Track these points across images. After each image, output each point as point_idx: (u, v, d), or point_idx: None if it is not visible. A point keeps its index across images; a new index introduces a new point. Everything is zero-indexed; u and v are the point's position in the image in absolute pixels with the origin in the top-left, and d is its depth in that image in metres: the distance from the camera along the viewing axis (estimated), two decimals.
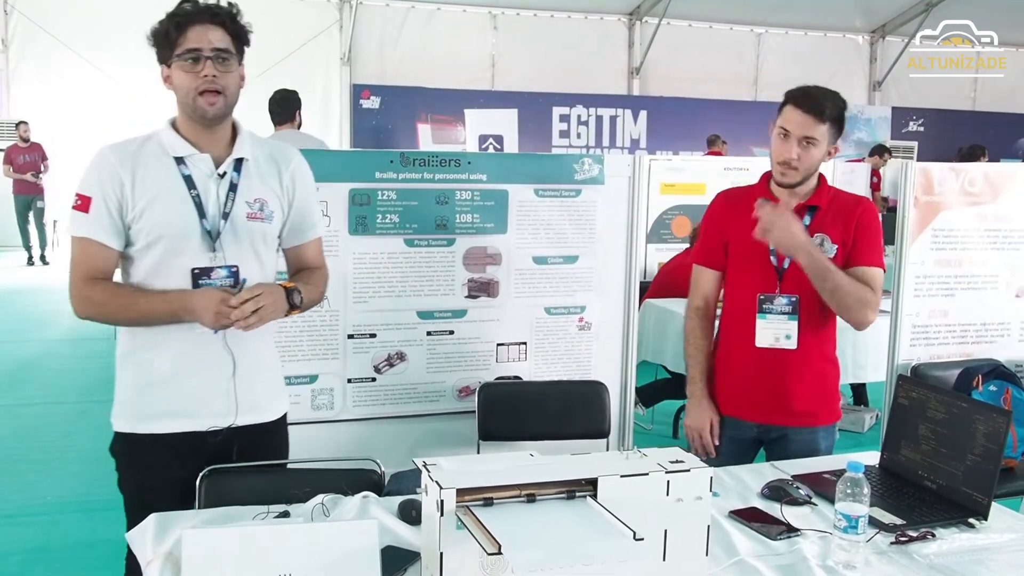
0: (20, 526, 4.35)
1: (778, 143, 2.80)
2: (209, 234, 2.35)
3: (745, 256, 2.93)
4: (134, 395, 2.42)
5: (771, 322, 2.87)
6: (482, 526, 1.66)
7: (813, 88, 2.80)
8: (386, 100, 14.77)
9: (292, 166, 2.54)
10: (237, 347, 2.41)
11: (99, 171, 2.32)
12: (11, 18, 13.33)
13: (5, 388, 6.76)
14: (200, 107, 2.31)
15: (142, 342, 2.39)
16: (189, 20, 2.30)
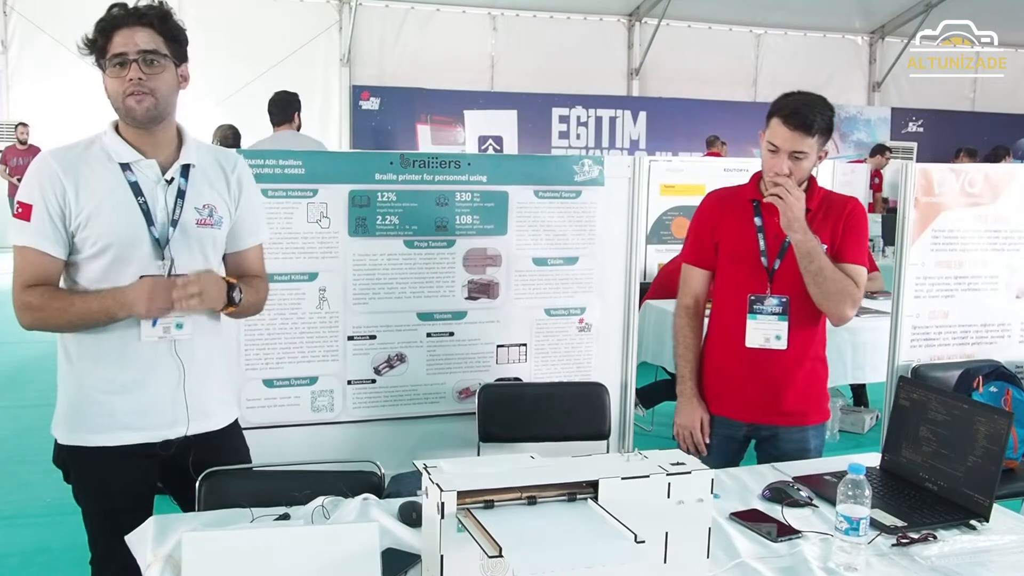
0: (19, 527, 4.34)
1: (768, 157, 2.81)
2: (158, 242, 2.31)
3: (736, 256, 2.94)
4: (80, 406, 2.37)
5: (761, 322, 2.88)
6: (483, 528, 1.66)
7: (800, 100, 2.78)
8: (385, 101, 14.76)
9: (237, 170, 2.50)
10: (186, 355, 2.37)
11: (40, 178, 2.26)
12: (10, 19, 13.33)
13: (4, 389, 6.76)
14: (129, 108, 2.25)
15: (87, 351, 2.34)
16: (115, 25, 2.25)
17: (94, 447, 2.36)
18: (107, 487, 2.38)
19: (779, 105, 2.79)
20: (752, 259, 2.90)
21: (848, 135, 17.12)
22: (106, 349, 2.32)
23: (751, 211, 2.94)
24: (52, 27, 13.14)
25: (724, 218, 2.98)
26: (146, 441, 2.37)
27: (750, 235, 2.92)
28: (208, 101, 11.50)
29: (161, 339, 2.33)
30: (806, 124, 2.73)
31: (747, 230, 2.93)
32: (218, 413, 2.51)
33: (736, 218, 2.95)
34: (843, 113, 17.09)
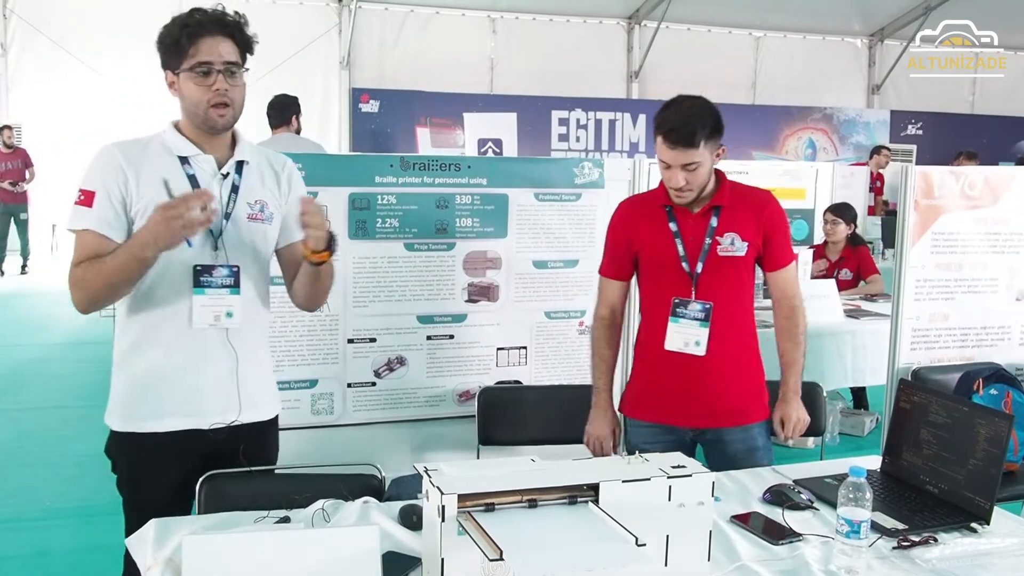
0: (18, 531, 4.34)
1: (664, 172, 2.80)
2: (211, 232, 2.37)
3: (658, 264, 2.90)
4: (133, 393, 2.42)
5: (683, 326, 2.84)
6: (484, 532, 1.66)
7: (676, 115, 2.73)
8: (385, 104, 14.75)
9: (287, 170, 2.59)
10: (239, 343, 2.43)
11: (103, 167, 2.34)
12: (10, 22, 13.33)
13: (3, 392, 6.75)
14: (211, 119, 2.35)
15: (141, 338, 2.40)
16: (201, 31, 2.32)
17: (144, 433, 2.41)
18: (152, 475, 2.42)
19: (658, 122, 2.77)
20: (673, 265, 2.87)
21: (847, 138, 17.12)
22: (158, 336, 2.39)
23: (664, 216, 2.90)
24: (51, 30, 13.15)
25: (638, 227, 2.94)
26: (195, 428, 2.41)
27: (667, 241, 2.88)
28: None
29: (212, 326, 2.39)
30: (687, 140, 2.71)
31: (663, 236, 2.89)
32: (265, 404, 2.57)
33: (651, 225, 2.91)
34: (842, 116, 17.11)
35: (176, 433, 2.40)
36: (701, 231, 2.85)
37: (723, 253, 2.85)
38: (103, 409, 2.48)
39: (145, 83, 13.39)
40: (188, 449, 2.42)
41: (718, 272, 2.84)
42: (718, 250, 2.84)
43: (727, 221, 2.85)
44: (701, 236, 2.85)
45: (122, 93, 13.30)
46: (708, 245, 2.84)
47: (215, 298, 2.38)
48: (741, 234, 2.84)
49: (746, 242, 2.84)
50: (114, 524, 2.54)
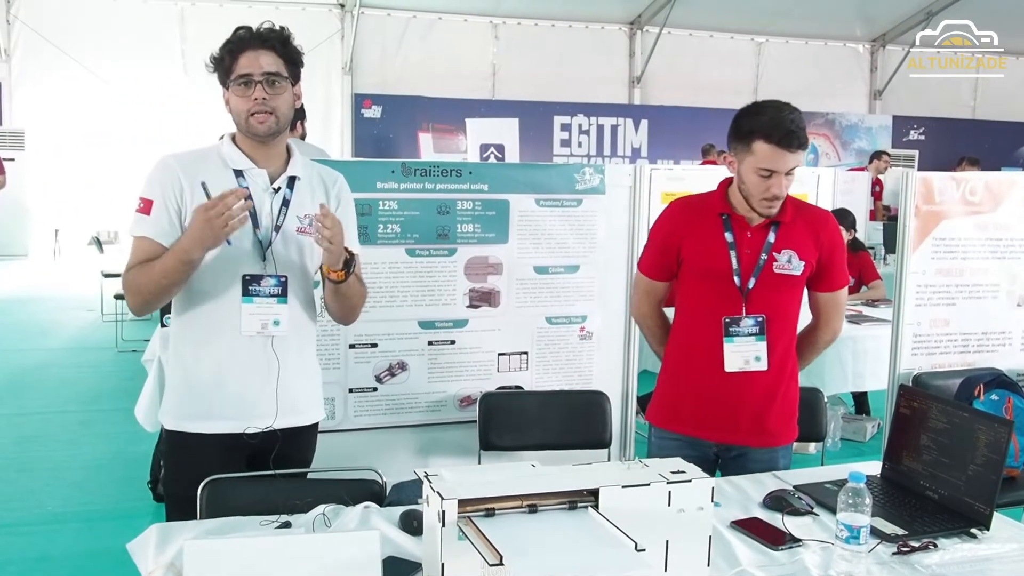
0: (20, 535, 4.34)
1: (762, 182, 2.68)
2: (260, 244, 2.48)
3: (704, 273, 2.81)
4: (184, 394, 2.54)
5: (739, 345, 2.77)
6: (484, 537, 1.66)
7: (788, 119, 2.66)
8: (387, 109, 14.78)
9: (337, 186, 2.68)
10: (283, 351, 2.51)
11: (162, 177, 2.45)
12: (13, 28, 13.36)
13: (6, 397, 6.75)
14: (252, 126, 2.45)
15: (193, 342, 2.51)
16: (241, 47, 2.45)
17: (191, 433, 2.52)
18: (196, 473, 2.45)
19: (766, 128, 2.65)
20: (723, 278, 2.77)
21: (849, 143, 17.13)
22: (208, 340, 2.50)
23: (720, 225, 2.80)
24: (55, 36, 13.18)
25: (691, 231, 2.83)
26: (236, 431, 2.50)
27: (720, 252, 2.78)
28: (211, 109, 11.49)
29: (259, 334, 2.48)
30: (803, 142, 2.66)
31: (716, 246, 2.79)
32: (307, 410, 2.65)
33: (704, 231, 2.80)
34: (844, 121, 17.12)
35: (222, 435, 2.50)
36: (758, 245, 2.77)
37: (779, 271, 2.78)
38: (105, 414, 2.51)
39: (147, 88, 13.54)
40: (233, 451, 2.51)
41: (771, 289, 2.78)
42: (774, 267, 2.78)
43: (785, 237, 2.78)
44: (757, 250, 2.77)
45: (124, 98, 13.35)
46: (764, 261, 2.77)
47: (263, 307, 2.48)
48: (799, 252, 2.78)
49: (803, 261, 2.79)
50: (116, 528, 2.56)
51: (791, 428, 2.92)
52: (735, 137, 2.74)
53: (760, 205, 2.73)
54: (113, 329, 8.31)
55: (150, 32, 13.31)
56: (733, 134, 2.75)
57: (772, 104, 2.73)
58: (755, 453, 2.85)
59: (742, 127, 2.71)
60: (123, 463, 5.24)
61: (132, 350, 7.81)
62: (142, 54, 13.30)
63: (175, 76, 13.45)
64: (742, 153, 2.71)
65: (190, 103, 13.05)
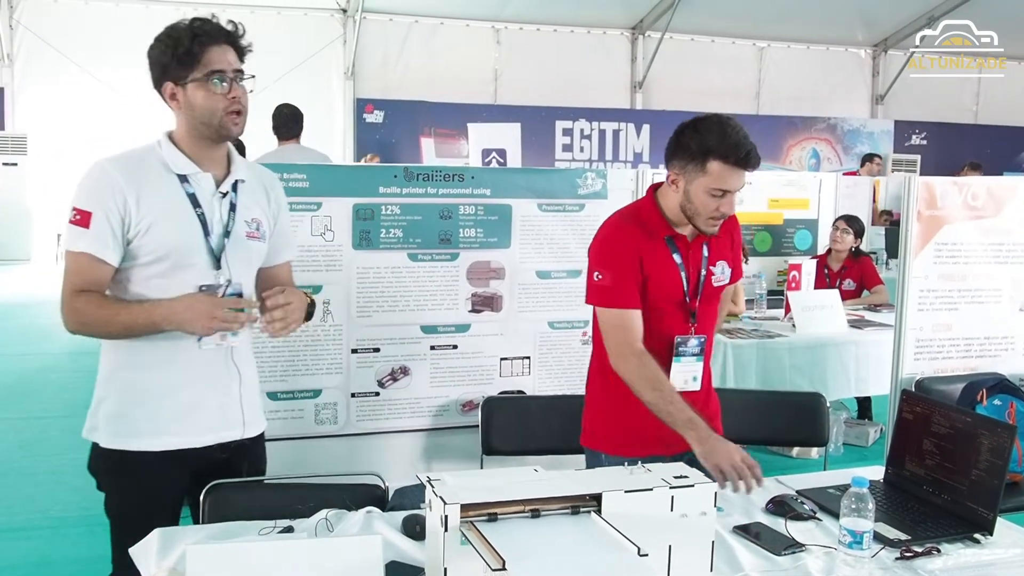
0: (22, 540, 4.34)
1: (711, 201, 2.58)
2: (213, 252, 2.37)
3: (663, 298, 2.70)
4: (126, 410, 2.40)
5: (684, 364, 2.73)
6: (486, 542, 1.66)
7: (739, 135, 2.56)
8: (389, 114, 14.78)
9: (276, 189, 2.60)
10: (241, 363, 2.45)
11: (101, 186, 2.30)
12: (16, 33, 13.38)
13: (7, 401, 6.75)
14: (226, 126, 2.34)
15: (138, 356, 2.37)
16: (210, 40, 2.31)
17: (138, 451, 2.39)
18: (146, 493, 2.40)
19: (724, 148, 2.54)
20: (676, 299, 2.71)
21: (851, 148, 17.11)
22: (159, 354, 2.36)
23: (667, 247, 2.70)
24: (58, 41, 13.20)
25: (646, 256, 2.67)
26: (194, 446, 2.41)
27: (674, 275, 2.70)
28: None
29: (219, 346, 2.39)
30: (758, 160, 2.59)
31: (670, 268, 2.70)
32: (259, 421, 2.60)
33: (656, 255, 2.68)
34: (846, 126, 17.11)
35: (171, 452, 2.39)
36: (698, 262, 2.74)
37: (716, 283, 2.77)
38: None
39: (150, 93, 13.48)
40: (179, 466, 2.42)
41: (707, 303, 2.77)
42: (712, 280, 2.76)
43: (715, 249, 2.76)
44: (698, 267, 2.74)
45: (127, 103, 13.33)
46: (704, 276, 2.74)
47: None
48: (728, 260, 2.79)
49: (731, 268, 2.79)
50: None
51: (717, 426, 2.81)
52: (683, 156, 2.61)
53: (706, 224, 2.65)
54: None
55: (152, 37, 13.31)
56: (681, 153, 2.61)
57: (716, 120, 2.61)
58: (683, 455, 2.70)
59: (691, 146, 2.58)
60: None
61: None
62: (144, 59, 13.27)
63: None
64: (693, 173, 2.59)
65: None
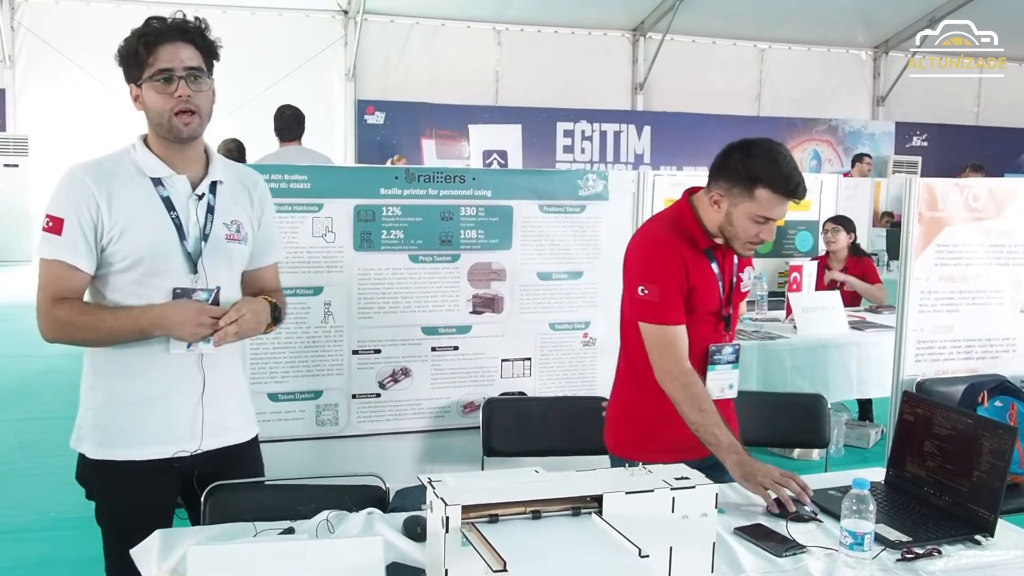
0: (23, 541, 4.35)
1: (753, 226, 2.59)
2: (190, 256, 2.34)
3: (705, 308, 2.71)
4: (107, 419, 2.38)
5: (720, 373, 2.75)
6: (487, 543, 1.66)
7: (795, 169, 2.56)
8: (390, 115, 14.79)
9: (259, 189, 2.55)
10: (209, 369, 2.38)
11: (71, 192, 2.27)
12: (18, 34, 13.40)
13: (8, 403, 6.76)
14: (175, 127, 2.29)
15: (115, 364, 2.36)
16: (159, 39, 2.26)
17: (121, 461, 2.37)
18: (132, 502, 2.38)
19: (776, 178, 2.53)
20: (714, 309, 2.74)
21: (852, 149, 17.06)
22: (133, 362, 2.34)
23: (706, 258, 2.72)
24: (59, 42, 13.21)
25: (691, 269, 2.68)
26: (169, 456, 2.38)
27: (714, 286, 2.73)
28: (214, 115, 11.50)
29: (189, 352, 2.33)
30: (804, 193, 2.60)
31: (711, 280, 2.72)
32: (238, 428, 2.52)
33: (698, 267, 2.69)
34: (847, 127, 17.12)
35: (154, 461, 2.37)
36: (730, 271, 2.77)
37: (743, 290, 2.83)
38: None
39: None
40: (164, 474, 2.39)
41: (736, 307, 2.82)
42: (741, 287, 2.81)
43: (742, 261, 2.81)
44: (730, 276, 2.77)
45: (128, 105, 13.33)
46: (734, 284, 2.78)
47: None
48: (751, 266, 2.82)
49: (754, 271, 2.85)
50: None
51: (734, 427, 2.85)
52: (730, 178, 2.60)
53: (743, 247, 2.66)
54: None
55: None
56: (728, 175, 2.61)
57: (767, 146, 2.60)
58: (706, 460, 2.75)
59: (740, 170, 2.57)
60: None
61: None
62: None
63: None
64: (739, 197, 2.58)
65: None
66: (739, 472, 2.47)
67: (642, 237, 2.78)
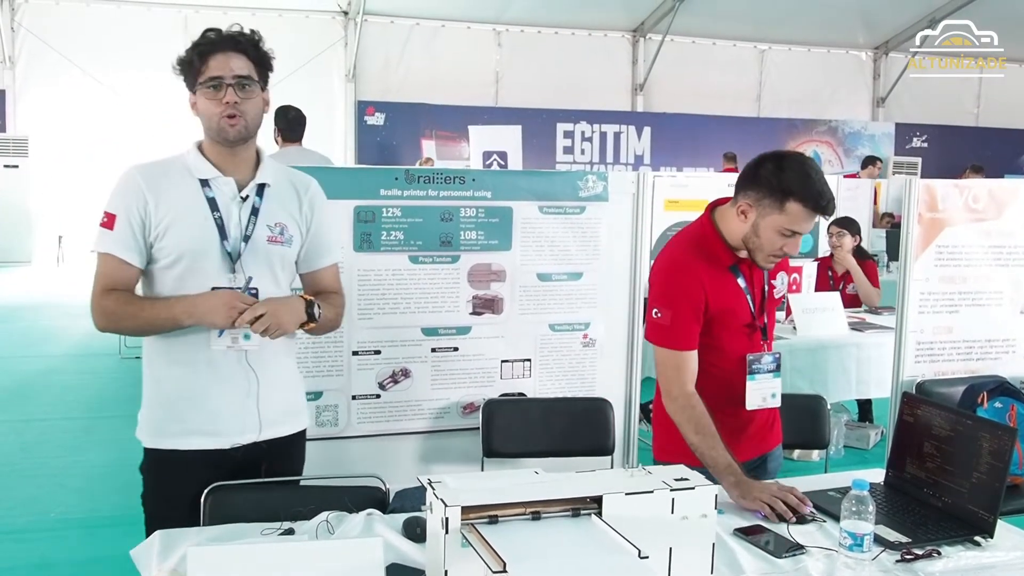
0: (24, 542, 4.34)
1: (779, 239, 2.59)
2: (230, 255, 2.43)
3: (733, 324, 2.73)
4: (159, 411, 2.49)
5: (760, 382, 2.76)
6: (487, 544, 1.66)
7: (824, 185, 2.54)
8: (390, 116, 14.82)
9: (310, 193, 2.63)
10: (259, 365, 2.47)
11: (125, 190, 2.40)
12: (18, 35, 13.41)
13: (9, 404, 6.76)
14: (223, 130, 2.40)
15: (165, 358, 2.46)
16: (212, 49, 2.40)
17: (170, 450, 2.47)
18: (176, 491, 2.45)
19: (809, 193, 2.51)
20: (745, 322, 2.74)
21: (852, 150, 17.13)
22: (180, 357, 2.45)
23: (731, 274, 2.72)
24: (59, 43, 13.23)
25: (711, 284, 2.69)
26: (217, 448, 2.47)
27: (741, 301, 2.73)
28: None
29: (230, 348, 2.42)
30: (834, 210, 2.62)
31: (736, 295, 2.72)
32: (289, 421, 2.61)
33: (721, 285, 2.70)
34: (847, 128, 17.14)
35: (200, 452, 2.46)
36: (760, 280, 2.77)
37: (778, 295, 2.84)
38: (108, 420, 2.52)
39: (151, 95, 13.54)
40: (214, 466, 2.46)
41: (771, 315, 2.83)
42: (775, 294, 2.82)
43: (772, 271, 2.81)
44: (760, 285, 2.77)
45: (128, 105, 13.37)
46: (767, 292, 2.78)
47: None
48: (786, 270, 2.83)
49: (788, 276, 2.85)
50: (119, 535, 2.55)
51: (777, 432, 2.96)
52: (760, 190, 2.58)
53: (766, 260, 2.66)
54: (116, 336, 8.31)
55: (154, 39, 13.32)
56: (758, 186, 2.58)
57: (800, 160, 2.58)
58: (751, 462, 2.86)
59: (772, 182, 2.55)
60: (126, 470, 5.16)
61: (135, 357, 7.77)
62: (146, 61, 13.31)
63: (179, 83, 13.45)
64: (768, 209, 2.57)
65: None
66: (736, 492, 2.48)
67: (664, 259, 2.79)
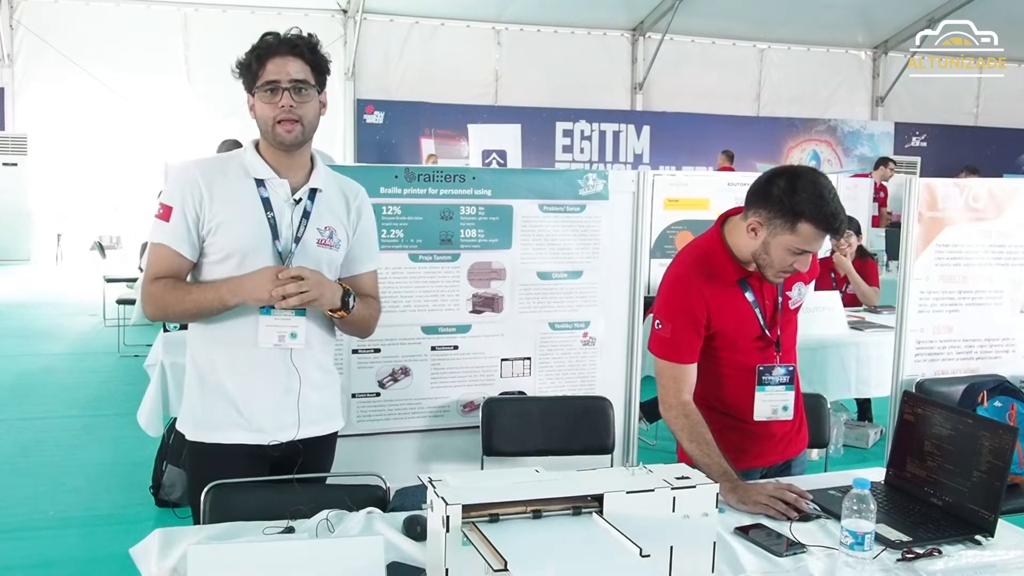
0: (23, 540, 4.34)
1: (789, 257, 2.57)
2: (280, 255, 2.46)
3: (741, 338, 2.74)
4: (203, 404, 2.53)
5: (770, 394, 2.77)
6: (488, 542, 1.66)
7: (835, 202, 2.51)
8: (390, 115, 14.81)
9: (359, 200, 2.67)
10: (302, 365, 2.50)
11: (182, 183, 2.44)
12: (17, 33, 13.40)
13: (8, 402, 6.75)
14: (278, 134, 2.43)
15: (211, 353, 2.51)
16: (269, 53, 2.43)
17: (211, 443, 2.51)
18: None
19: (821, 215, 2.48)
20: (754, 335, 2.74)
21: (851, 150, 17.15)
22: (226, 352, 2.49)
23: (739, 289, 2.72)
24: (57, 41, 13.22)
25: (713, 299, 2.69)
26: (257, 443, 2.50)
27: (749, 315, 2.72)
28: (214, 115, 11.56)
29: (276, 346, 2.46)
30: (844, 230, 2.65)
31: (744, 310, 2.72)
32: (326, 421, 2.65)
33: (726, 300, 2.70)
34: (846, 128, 17.15)
35: (242, 446, 2.50)
36: (772, 292, 2.76)
37: (793, 306, 2.82)
38: (107, 419, 2.52)
39: (150, 93, 13.56)
40: (255, 460, 2.50)
41: (787, 326, 2.82)
42: (789, 304, 2.80)
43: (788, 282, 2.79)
44: (773, 297, 2.76)
45: (127, 103, 13.37)
46: (780, 304, 2.77)
47: (280, 319, 2.45)
48: (803, 280, 2.81)
49: (807, 285, 2.82)
50: (119, 534, 2.55)
51: (803, 437, 2.99)
52: (772, 208, 2.55)
53: (775, 276, 2.65)
54: (115, 334, 8.32)
55: (153, 37, 13.36)
56: (769, 204, 2.55)
57: (813, 179, 2.54)
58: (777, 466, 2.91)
59: (784, 202, 2.51)
60: (125, 468, 5.24)
61: (134, 355, 7.82)
62: (145, 59, 13.36)
63: (178, 81, 13.52)
64: (779, 228, 2.54)
65: (193, 108, 13.10)
66: (734, 498, 2.48)
67: (670, 273, 2.80)
